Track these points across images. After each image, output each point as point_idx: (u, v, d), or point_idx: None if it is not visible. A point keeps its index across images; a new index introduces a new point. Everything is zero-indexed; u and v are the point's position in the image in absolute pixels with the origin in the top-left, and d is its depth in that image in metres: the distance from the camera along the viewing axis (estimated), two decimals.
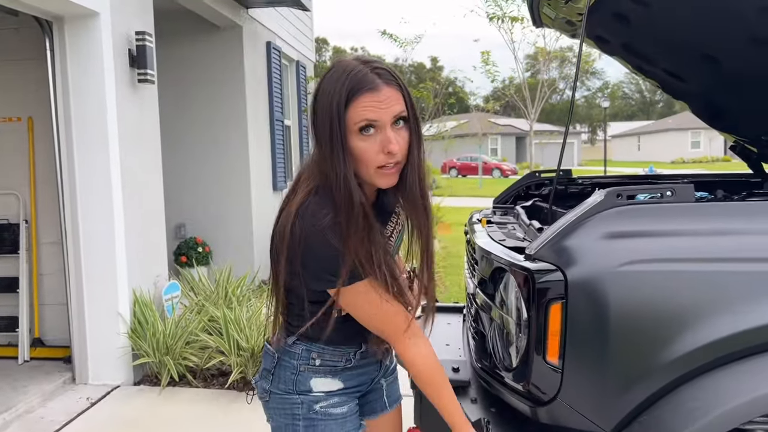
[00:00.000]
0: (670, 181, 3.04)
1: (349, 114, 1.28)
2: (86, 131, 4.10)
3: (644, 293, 1.40)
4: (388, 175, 1.34)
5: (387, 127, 1.30)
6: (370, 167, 1.32)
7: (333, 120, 1.29)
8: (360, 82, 1.28)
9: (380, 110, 1.28)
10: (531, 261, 1.51)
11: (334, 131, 1.29)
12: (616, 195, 1.50)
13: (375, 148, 1.30)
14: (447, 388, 1.47)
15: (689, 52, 2.30)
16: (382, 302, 1.39)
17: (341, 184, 1.31)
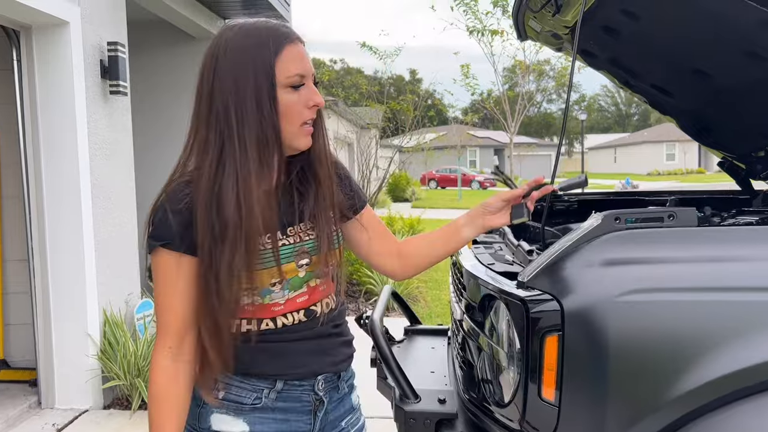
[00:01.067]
0: (655, 197, 2.98)
1: (279, 67, 1.21)
2: (55, 144, 3.94)
3: (647, 325, 1.31)
4: (307, 134, 1.26)
5: (310, 80, 1.25)
6: (294, 124, 1.23)
7: (259, 75, 1.19)
8: (284, 35, 1.23)
9: (305, 62, 1.24)
10: (524, 289, 1.41)
11: (260, 87, 1.19)
12: (614, 219, 1.41)
13: (302, 101, 1.23)
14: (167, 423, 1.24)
15: (679, 66, 2.23)
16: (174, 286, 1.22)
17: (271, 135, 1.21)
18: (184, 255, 1.21)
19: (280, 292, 1.27)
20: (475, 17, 9.12)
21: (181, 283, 1.22)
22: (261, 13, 7.16)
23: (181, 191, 1.23)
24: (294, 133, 1.24)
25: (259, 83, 1.19)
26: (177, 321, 1.23)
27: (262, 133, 1.20)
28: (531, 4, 2.25)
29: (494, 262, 1.75)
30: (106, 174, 4.25)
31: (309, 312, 1.31)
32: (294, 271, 1.28)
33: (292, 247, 1.28)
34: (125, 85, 4.36)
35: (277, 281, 1.26)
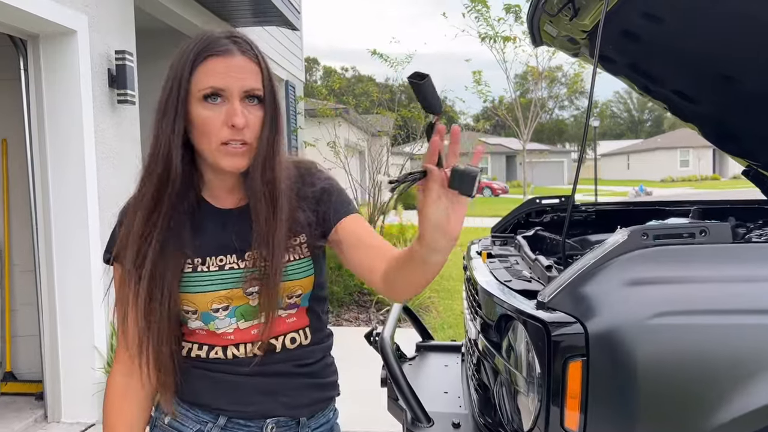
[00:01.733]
0: (676, 207, 2.87)
1: (195, 78, 1.13)
2: (62, 154, 3.89)
3: (679, 350, 1.21)
4: (233, 154, 1.13)
5: (235, 98, 1.13)
6: (212, 141, 1.13)
7: (174, 84, 1.14)
8: (210, 45, 1.14)
9: (229, 78, 1.12)
10: (545, 310, 1.32)
11: (172, 95, 1.14)
12: (641, 234, 1.32)
13: (220, 118, 1.13)
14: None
15: (705, 71, 2.14)
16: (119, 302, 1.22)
17: (161, 148, 1.15)
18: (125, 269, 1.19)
19: (225, 320, 1.18)
20: (487, 24, 9.04)
21: (126, 294, 1.19)
22: (271, 21, 7.15)
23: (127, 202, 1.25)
24: (212, 152, 1.14)
25: (172, 92, 1.14)
26: (125, 337, 1.21)
27: (166, 144, 1.14)
28: (547, 7, 2.16)
29: (511, 279, 1.65)
30: (114, 184, 4.19)
31: (265, 345, 1.19)
32: (242, 298, 1.18)
33: (241, 272, 1.19)
34: (133, 94, 4.31)
35: (220, 307, 1.18)
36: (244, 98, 1.13)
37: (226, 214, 1.21)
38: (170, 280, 1.15)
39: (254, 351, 1.19)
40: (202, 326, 1.19)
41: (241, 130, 1.12)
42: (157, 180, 1.15)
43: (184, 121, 1.14)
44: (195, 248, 1.18)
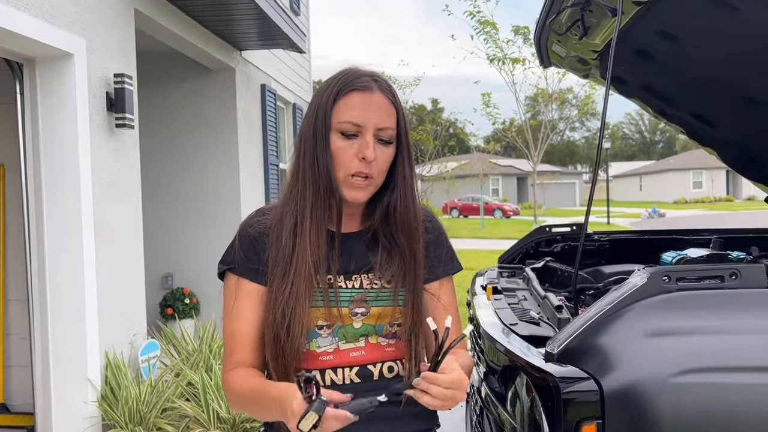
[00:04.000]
0: (695, 236, 2.71)
1: (336, 110, 1.22)
2: (57, 179, 3.78)
3: (707, 412, 1.05)
4: (357, 188, 1.22)
5: (369, 132, 1.21)
6: (341, 171, 1.22)
7: (319, 114, 1.23)
8: (353, 81, 1.23)
9: (366, 113, 1.21)
10: (554, 363, 1.16)
11: (318, 125, 1.23)
12: (662, 277, 1.16)
13: (352, 151, 1.21)
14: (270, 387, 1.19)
15: (724, 92, 1.99)
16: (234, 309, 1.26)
17: (322, 174, 1.22)
18: (245, 280, 1.25)
19: (327, 338, 1.23)
20: (495, 45, 8.94)
21: (243, 307, 1.24)
22: (277, 44, 7.09)
23: (253, 218, 1.30)
24: (341, 181, 1.22)
25: (317, 123, 1.22)
26: (240, 346, 1.24)
27: (315, 170, 1.21)
28: (555, 26, 2.03)
29: (517, 322, 1.50)
30: (111, 210, 4.08)
31: (363, 372, 1.23)
32: (347, 318, 1.23)
33: (349, 292, 1.25)
34: (132, 118, 4.21)
35: (324, 324, 1.22)
36: (377, 137, 1.21)
37: (344, 237, 1.27)
38: (298, 292, 1.19)
39: (351, 376, 1.22)
40: (302, 346, 1.21)
41: (369, 164, 1.19)
42: (313, 201, 1.22)
43: None
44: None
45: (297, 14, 8.96)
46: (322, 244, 1.22)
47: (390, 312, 1.24)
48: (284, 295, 1.19)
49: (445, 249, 1.35)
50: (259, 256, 1.25)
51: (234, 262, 1.26)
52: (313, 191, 1.22)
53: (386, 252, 1.27)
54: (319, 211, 1.22)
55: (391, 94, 1.24)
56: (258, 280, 1.24)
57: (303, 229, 1.22)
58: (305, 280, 1.19)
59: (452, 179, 14.30)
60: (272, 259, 1.23)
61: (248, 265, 1.25)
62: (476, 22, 8.74)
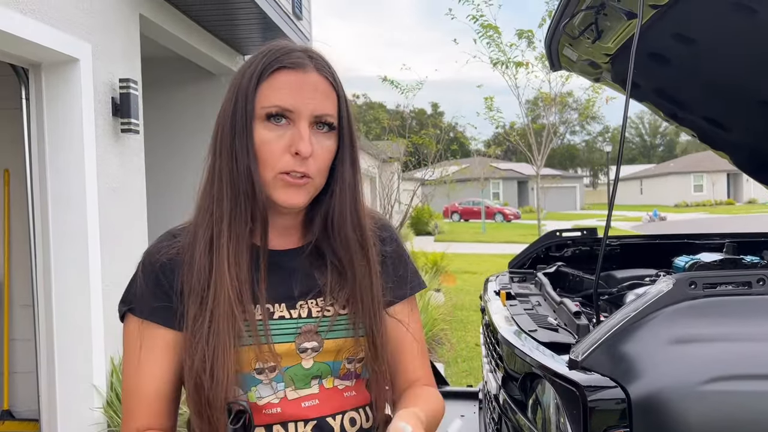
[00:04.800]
0: (707, 240, 2.69)
1: (260, 93, 0.96)
2: (62, 184, 3.77)
3: (738, 422, 1.04)
4: (291, 187, 0.97)
5: (303, 121, 0.96)
6: (268, 169, 0.96)
7: (239, 99, 0.97)
8: (282, 57, 0.97)
9: (299, 96, 0.96)
10: (579, 370, 1.15)
11: (238, 113, 0.97)
12: (688, 283, 1.15)
13: (282, 144, 0.96)
14: None
15: (739, 96, 1.98)
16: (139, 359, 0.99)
17: (242, 174, 0.96)
18: (151, 323, 0.99)
19: (269, 384, 0.97)
20: (498, 49, 8.95)
21: (149, 358, 0.98)
22: None
23: (160, 242, 1.04)
24: (269, 182, 0.97)
25: (236, 111, 0.97)
26: (143, 407, 0.98)
27: (233, 170, 0.97)
28: (568, 29, 2.02)
29: (536, 328, 1.48)
30: (116, 216, 4.07)
31: (321, 426, 0.98)
32: (293, 355, 0.98)
33: (294, 323, 0.99)
34: (137, 123, 4.21)
35: (264, 368, 0.96)
36: (314, 124, 0.97)
37: (278, 256, 1.03)
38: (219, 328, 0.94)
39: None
40: (240, 397, 0.96)
41: (305, 160, 0.95)
42: (231, 209, 0.97)
43: None
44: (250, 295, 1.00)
45: (299, 18, 8.97)
46: (243, 264, 0.97)
47: (350, 344, 1.01)
48: (202, 331, 0.94)
49: (407, 264, 1.13)
50: (168, 292, 0.98)
51: (136, 300, 1.00)
52: (231, 197, 0.97)
53: (336, 271, 1.03)
54: (240, 222, 0.97)
55: (330, 74, 1.00)
56: (168, 322, 0.98)
57: (220, 245, 0.96)
58: (226, 311, 0.94)
59: (453, 183, 14.27)
60: (186, 290, 0.97)
61: (155, 303, 0.98)
62: (479, 26, 8.77)
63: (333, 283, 1.02)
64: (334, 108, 0.99)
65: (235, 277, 0.95)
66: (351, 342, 1.01)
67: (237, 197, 0.97)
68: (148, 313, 0.99)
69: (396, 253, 1.12)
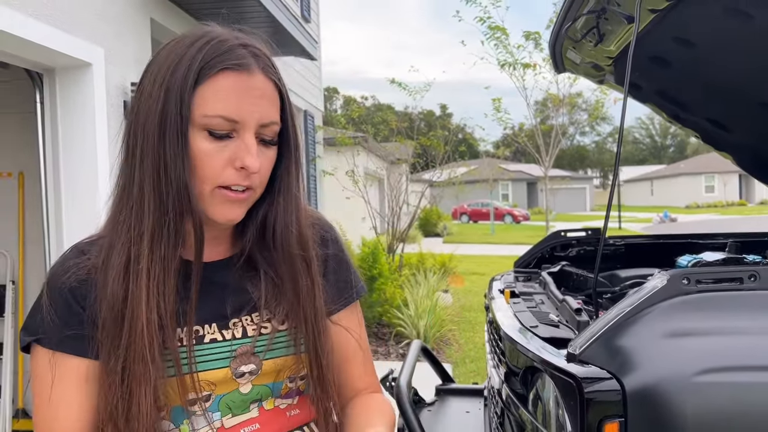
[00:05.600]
0: (710, 240, 2.72)
1: (199, 97, 0.84)
2: (76, 186, 3.85)
3: (730, 412, 1.07)
4: (231, 202, 0.87)
5: (248, 131, 0.86)
6: (207, 183, 0.86)
7: (170, 100, 0.83)
8: (224, 56, 0.85)
9: (245, 104, 0.85)
10: (576, 363, 1.19)
11: (169, 116, 0.83)
12: (682, 279, 1.19)
13: (224, 156, 0.85)
14: None
15: (740, 97, 2.01)
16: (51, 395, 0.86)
17: (174, 187, 0.84)
18: (63, 354, 0.86)
19: (203, 415, 0.88)
20: (506, 51, 8.99)
21: (63, 393, 0.86)
22: (289, 52, 7.18)
23: (67, 261, 0.91)
24: (206, 197, 0.87)
25: (167, 113, 0.84)
26: None
27: (160, 182, 0.85)
28: (571, 33, 2.06)
29: (537, 324, 1.53)
30: None
31: None
32: (229, 382, 0.89)
33: (227, 344, 0.90)
34: None
35: (198, 398, 0.87)
36: (259, 135, 0.88)
37: (208, 269, 0.93)
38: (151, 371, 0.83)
39: None
40: (171, 430, 0.89)
41: (250, 174, 0.86)
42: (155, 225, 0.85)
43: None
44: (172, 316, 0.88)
45: (308, 21, 9.05)
46: (167, 289, 0.86)
47: (291, 362, 0.93)
48: (116, 370, 0.84)
49: (350, 267, 1.05)
50: (80, 317, 0.87)
51: (44, 329, 0.87)
52: (156, 212, 0.85)
53: (271, 282, 0.94)
54: (165, 241, 0.86)
55: (275, 75, 0.90)
56: (82, 351, 0.87)
57: (138, 270, 0.85)
58: (143, 346, 0.83)
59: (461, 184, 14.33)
60: (99, 321, 0.86)
61: (66, 332, 0.86)
62: (486, 27, 8.81)
63: (268, 296, 0.94)
64: (278, 114, 0.90)
65: (154, 306, 0.85)
66: (292, 360, 0.94)
67: (164, 212, 0.85)
68: (57, 344, 0.87)
69: (337, 257, 1.04)
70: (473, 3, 8.77)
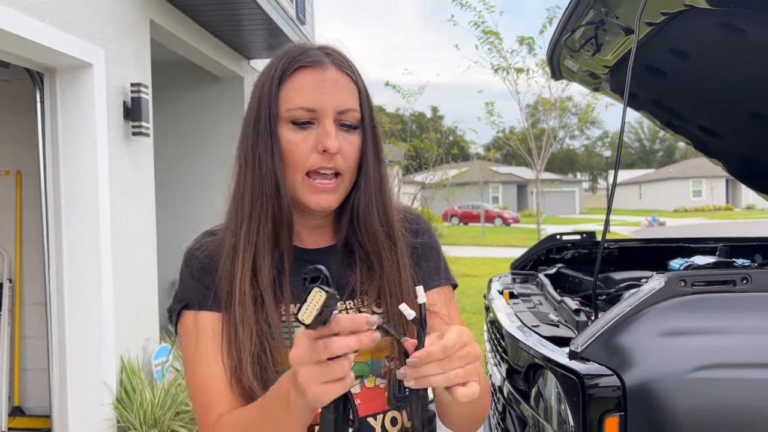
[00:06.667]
0: (701, 244, 2.80)
1: (282, 95, 0.97)
2: (76, 186, 3.87)
3: (725, 406, 1.14)
4: (321, 190, 0.97)
5: (327, 119, 0.96)
6: (297, 170, 0.96)
7: (262, 103, 0.98)
8: (300, 57, 0.97)
9: (320, 94, 0.95)
10: (579, 360, 1.25)
11: (262, 114, 0.97)
12: (679, 281, 1.25)
13: (308, 143, 0.96)
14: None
15: (732, 107, 2.09)
16: (197, 350, 0.97)
17: (268, 178, 0.96)
18: (204, 312, 0.99)
19: None
20: (500, 55, 9.07)
21: (208, 345, 0.97)
22: None
23: (198, 241, 1.06)
24: (297, 184, 0.97)
25: (260, 115, 0.98)
26: (219, 394, 0.96)
27: (257, 175, 0.97)
28: (569, 43, 2.13)
29: (538, 324, 1.59)
30: (127, 217, 4.17)
31: (362, 427, 0.97)
32: None
33: None
34: (147, 126, 4.31)
35: None
36: (338, 122, 0.97)
37: (310, 254, 1.02)
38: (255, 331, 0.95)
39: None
40: None
41: (333, 156, 0.95)
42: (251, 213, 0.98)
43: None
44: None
45: (303, 23, 9.08)
46: (265, 267, 0.96)
47: (388, 343, 0.97)
48: (230, 334, 0.95)
49: (440, 256, 1.11)
50: (212, 282, 0.99)
51: (187, 296, 1.00)
52: (253, 201, 0.97)
53: (365, 266, 1.01)
54: (261, 226, 0.97)
55: (349, 69, 1.00)
56: (216, 308, 0.99)
57: (238, 249, 0.97)
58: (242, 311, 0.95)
59: (452, 186, 14.38)
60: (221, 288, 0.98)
61: (204, 293, 0.99)
62: (480, 32, 8.88)
63: (363, 278, 1.01)
64: (356, 102, 0.99)
65: (248, 281, 0.95)
66: (388, 340, 0.95)
67: (259, 201, 0.97)
68: (198, 304, 0.99)
69: (427, 245, 1.10)
70: (467, 7, 8.84)
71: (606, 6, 1.79)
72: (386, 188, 1.03)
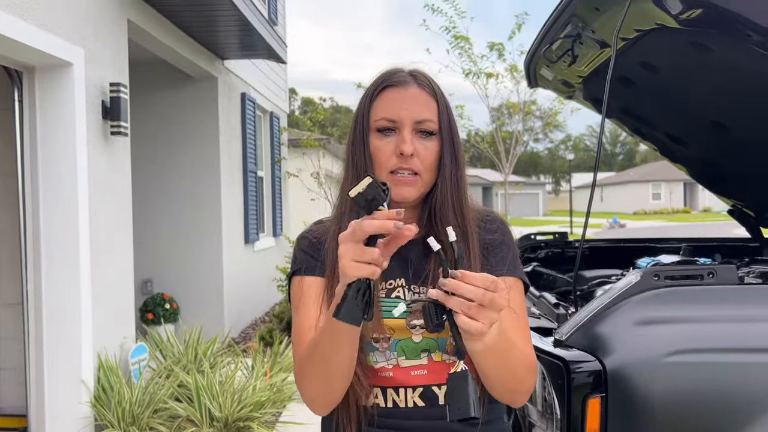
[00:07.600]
0: (666, 244, 2.97)
1: (372, 109, 1.18)
2: (54, 185, 3.88)
3: (694, 387, 1.27)
4: (400, 184, 1.15)
5: (405, 128, 1.15)
6: (382, 170, 1.16)
7: (358, 117, 1.20)
8: (389, 78, 1.19)
9: (401, 109, 1.15)
10: (563, 348, 1.37)
11: (358, 128, 1.20)
12: (653, 276, 1.39)
13: (390, 148, 1.15)
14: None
15: (697, 117, 2.25)
16: (299, 306, 1.18)
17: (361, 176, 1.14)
18: (308, 276, 1.19)
19: (384, 353, 1.14)
20: (470, 60, 9.25)
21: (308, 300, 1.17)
22: (259, 54, 7.23)
23: (310, 227, 1.28)
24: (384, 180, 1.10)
25: (357, 126, 1.20)
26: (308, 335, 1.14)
27: (355, 174, 1.17)
28: (547, 54, 2.26)
29: None
30: (105, 216, 4.18)
31: (427, 394, 1.12)
32: (404, 330, 1.13)
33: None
34: (126, 126, 4.33)
35: (380, 337, 1.13)
36: (417, 130, 1.15)
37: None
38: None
39: (415, 399, 1.12)
40: (361, 360, 1.12)
41: (409, 158, 1.13)
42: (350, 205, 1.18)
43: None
44: None
45: (275, 24, 9.12)
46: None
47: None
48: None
49: (510, 250, 1.21)
50: (317, 254, 1.20)
51: (297, 266, 1.22)
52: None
53: (439, 258, 1.09)
54: (354, 216, 1.10)
55: (429, 87, 1.19)
56: (320, 273, 1.18)
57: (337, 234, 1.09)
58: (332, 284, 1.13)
59: None
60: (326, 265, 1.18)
61: (309, 263, 1.20)
62: (452, 37, 9.04)
63: (436, 268, 1.13)
64: (433, 114, 1.17)
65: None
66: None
67: None
68: (305, 270, 1.20)
69: (498, 241, 1.22)
70: (439, 12, 8.99)
71: (583, 21, 1.93)
72: (462, 188, 1.20)
